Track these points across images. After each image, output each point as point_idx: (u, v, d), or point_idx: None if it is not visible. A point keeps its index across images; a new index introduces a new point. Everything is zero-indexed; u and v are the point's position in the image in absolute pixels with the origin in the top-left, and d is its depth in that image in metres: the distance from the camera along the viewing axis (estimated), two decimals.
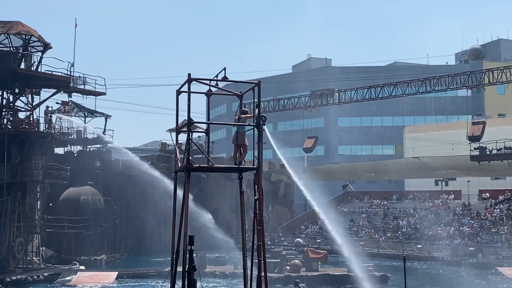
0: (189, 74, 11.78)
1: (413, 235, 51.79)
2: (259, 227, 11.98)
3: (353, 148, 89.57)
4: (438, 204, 57.90)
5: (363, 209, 62.01)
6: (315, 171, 65.10)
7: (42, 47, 40.06)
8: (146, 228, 55.18)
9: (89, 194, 46.33)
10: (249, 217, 13.49)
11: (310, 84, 75.25)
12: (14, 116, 38.50)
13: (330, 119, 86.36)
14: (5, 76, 37.31)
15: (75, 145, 52.32)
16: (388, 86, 47.75)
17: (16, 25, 38.63)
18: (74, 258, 41.82)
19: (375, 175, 64.05)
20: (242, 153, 12.70)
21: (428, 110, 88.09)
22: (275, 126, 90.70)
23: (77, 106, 49.76)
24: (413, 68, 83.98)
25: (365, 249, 49.55)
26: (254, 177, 12.34)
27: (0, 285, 32.55)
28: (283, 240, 57.18)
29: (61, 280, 35.17)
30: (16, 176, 37.48)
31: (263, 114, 12.30)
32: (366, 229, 56.01)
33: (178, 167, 12.49)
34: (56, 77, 39.58)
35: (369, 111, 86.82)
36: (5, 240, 36.61)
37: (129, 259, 48.45)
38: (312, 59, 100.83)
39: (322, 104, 51.61)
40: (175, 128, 12.81)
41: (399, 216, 57.35)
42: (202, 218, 43.89)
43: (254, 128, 12.25)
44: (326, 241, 53.19)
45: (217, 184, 62.75)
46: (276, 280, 32.92)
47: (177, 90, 12.39)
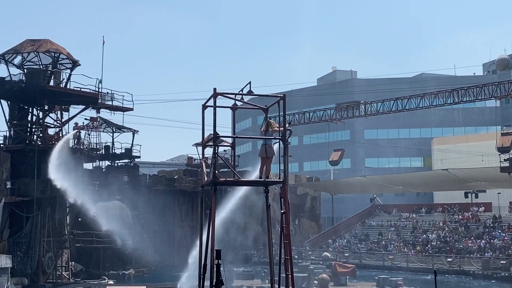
0: (215, 88, 11.86)
1: (443, 248, 51.00)
2: (286, 241, 11.92)
3: (380, 160, 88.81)
4: (468, 216, 56.98)
5: (392, 223, 61.31)
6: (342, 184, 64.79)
7: (71, 64, 40.80)
8: (174, 242, 55.34)
9: (117, 209, 46.72)
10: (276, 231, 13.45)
11: (335, 96, 75.07)
12: (44, 132, 39.14)
13: (356, 131, 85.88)
14: (35, 93, 38.02)
15: (103, 160, 52.91)
16: (415, 97, 47.34)
17: (45, 43, 39.44)
18: (103, 272, 42.16)
19: (403, 188, 63.37)
20: (267, 166, 12.68)
21: (456, 121, 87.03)
22: (300, 140, 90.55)
23: (105, 121, 50.40)
24: (440, 79, 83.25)
25: (394, 263, 48.90)
26: (280, 191, 12.31)
27: None
28: (311, 254, 56.78)
29: None
30: (46, 191, 37.99)
31: (288, 128, 12.30)
32: (395, 243, 55.33)
33: (205, 181, 12.53)
34: (84, 93, 40.20)
35: (396, 123, 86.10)
36: (35, 255, 37.05)
37: (156, 273, 48.57)
38: (337, 72, 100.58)
39: (348, 116, 51.35)
40: (201, 142, 12.88)
41: (428, 229, 56.56)
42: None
43: (279, 141, 12.25)
44: (354, 255, 52.66)
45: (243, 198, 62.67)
46: None
47: (203, 105, 12.47)
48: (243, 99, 12.94)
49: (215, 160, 11.82)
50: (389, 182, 60.45)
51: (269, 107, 13.16)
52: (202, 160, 12.95)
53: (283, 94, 12.63)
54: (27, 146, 38.32)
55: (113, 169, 52.80)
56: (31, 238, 37.27)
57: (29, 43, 39.53)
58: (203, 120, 12.46)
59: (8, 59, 39.96)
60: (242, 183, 14.48)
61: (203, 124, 12.47)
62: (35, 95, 38.20)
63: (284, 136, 12.18)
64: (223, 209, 26.46)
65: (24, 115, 40.11)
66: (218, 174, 11.78)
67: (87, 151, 42.71)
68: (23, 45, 39.45)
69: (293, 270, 12.00)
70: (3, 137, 40.35)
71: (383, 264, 49.47)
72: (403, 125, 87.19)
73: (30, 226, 37.41)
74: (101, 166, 53.36)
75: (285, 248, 12.00)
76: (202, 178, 12.82)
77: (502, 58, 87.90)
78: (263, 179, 12.72)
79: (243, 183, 14.53)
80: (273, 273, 12.71)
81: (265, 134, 12.75)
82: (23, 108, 40.12)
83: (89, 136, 46.62)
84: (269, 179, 12.75)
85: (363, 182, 60.99)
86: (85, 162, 47.78)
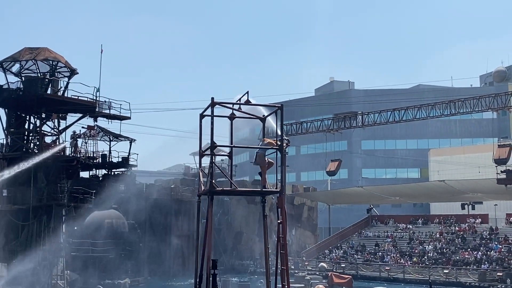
0: (212, 98, 11.89)
1: (440, 259, 50.91)
2: (283, 251, 11.91)
3: (377, 171, 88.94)
4: (465, 228, 56.96)
5: (388, 233, 61.23)
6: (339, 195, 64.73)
7: (69, 73, 40.80)
8: (170, 251, 55.18)
9: (113, 218, 46.61)
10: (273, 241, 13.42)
11: (333, 107, 75.26)
12: (41, 140, 39.06)
13: (353, 142, 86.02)
14: (32, 101, 37.98)
15: (100, 169, 52.78)
16: (412, 108, 47.48)
17: (43, 51, 39.47)
18: (99, 281, 41.95)
19: (400, 199, 63.38)
20: (263, 175, 12.68)
21: (453, 132, 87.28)
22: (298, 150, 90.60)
23: (102, 130, 50.29)
24: (437, 90, 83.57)
25: (390, 274, 48.79)
26: (277, 201, 12.30)
27: None
28: (307, 264, 56.61)
29: None
30: (42, 200, 37.85)
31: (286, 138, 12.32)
32: (391, 254, 55.22)
33: (202, 191, 12.52)
34: (82, 102, 40.18)
35: (393, 134, 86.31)
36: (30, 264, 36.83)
37: (152, 283, 48.39)
38: (334, 82, 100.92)
39: (345, 127, 51.44)
40: (198, 151, 12.88)
41: (425, 241, 56.49)
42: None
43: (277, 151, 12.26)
44: (351, 266, 52.53)
45: (240, 208, 62.64)
46: None
47: (201, 114, 12.49)
48: (241, 109, 12.96)
49: (212, 169, 11.81)
50: (386, 192, 60.44)
51: (267, 117, 13.19)
52: (200, 170, 12.95)
53: (280, 104, 12.66)
54: (24, 154, 38.20)
55: (110, 177, 52.64)
56: (27, 247, 37.09)
57: (27, 51, 39.55)
58: (200, 129, 12.49)
59: (6, 67, 39.95)
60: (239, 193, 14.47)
61: (200, 134, 12.49)
62: (32, 103, 38.16)
63: (281, 146, 12.19)
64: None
65: (21, 123, 40.03)
66: (215, 184, 11.78)
67: (83, 160, 42.60)
68: (21, 53, 39.46)
69: (289, 280, 11.98)
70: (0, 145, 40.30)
71: (379, 275, 49.33)
72: (400, 136, 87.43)
73: (26, 234, 37.25)
74: (98, 175, 53.21)
75: (281, 258, 11.98)
76: (199, 188, 12.81)
77: (499, 70, 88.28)
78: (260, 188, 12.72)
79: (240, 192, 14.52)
80: (269, 283, 12.67)
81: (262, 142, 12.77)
82: (20, 116, 40.06)
83: (86, 145, 46.57)
84: (266, 189, 12.75)
85: (360, 193, 60.97)
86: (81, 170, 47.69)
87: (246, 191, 14.77)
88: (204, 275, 11.82)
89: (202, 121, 12.49)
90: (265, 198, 13.02)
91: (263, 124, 13.24)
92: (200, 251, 12.28)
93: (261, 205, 13.04)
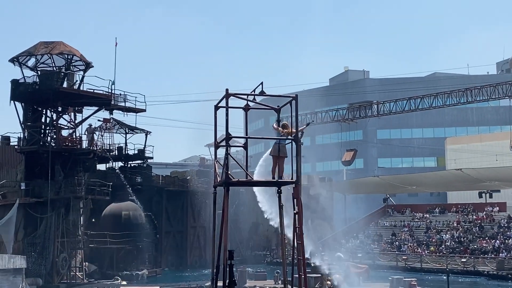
0: (227, 89, 11.88)
1: (457, 248, 50.65)
2: (299, 242, 11.92)
3: (393, 160, 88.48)
4: (483, 216, 56.56)
5: (405, 223, 61.01)
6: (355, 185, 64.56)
7: (84, 66, 41.07)
8: (187, 242, 55.51)
9: (130, 210, 46.91)
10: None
11: (348, 96, 74.86)
12: (57, 133, 39.39)
13: (369, 131, 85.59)
14: (48, 95, 38.29)
15: (116, 161, 53.16)
16: (428, 97, 47.11)
17: (59, 45, 39.75)
18: (116, 273, 42.32)
19: (417, 188, 63.06)
20: (280, 166, 12.67)
21: (470, 121, 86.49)
22: (313, 140, 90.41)
23: (118, 123, 50.66)
24: (454, 78, 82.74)
25: (407, 264, 48.65)
26: (293, 191, 12.29)
27: None
28: (323, 254, 56.58)
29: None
30: (60, 192, 38.22)
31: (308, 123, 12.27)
32: (408, 243, 55.04)
33: (217, 182, 12.55)
34: (97, 95, 40.45)
35: (409, 123, 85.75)
36: (49, 256, 37.30)
37: (170, 274, 48.75)
38: (349, 72, 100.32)
39: (360, 116, 51.21)
40: (214, 143, 12.91)
41: (442, 230, 56.22)
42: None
43: (292, 142, 12.24)
44: (367, 256, 52.46)
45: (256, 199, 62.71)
46: None
47: (215, 106, 12.49)
48: (255, 100, 12.95)
49: (227, 160, 11.83)
50: (403, 182, 60.16)
51: (281, 108, 13.16)
52: (215, 161, 12.97)
53: (295, 94, 12.62)
54: (41, 148, 38.58)
55: (126, 170, 53.03)
56: (45, 239, 37.52)
57: (42, 45, 39.85)
58: (215, 120, 12.49)
59: (22, 61, 40.30)
60: (255, 184, 14.48)
61: (215, 125, 12.50)
62: (48, 97, 38.47)
63: (296, 136, 12.17)
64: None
65: (38, 116, 40.41)
66: (230, 175, 11.80)
67: (100, 152, 42.91)
68: (37, 47, 39.78)
69: (306, 270, 11.99)
70: (17, 138, 40.72)
71: (396, 264, 49.23)
72: (416, 125, 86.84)
73: (44, 227, 37.68)
74: (114, 167, 53.61)
75: (298, 248, 12.00)
76: (215, 179, 12.84)
77: None
78: (275, 179, 12.72)
79: (256, 183, 14.53)
80: (286, 273, 12.70)
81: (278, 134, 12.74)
82: (37, 110, 40.43)
83: (103, 137, 46.91)
84: (282, 180, 12.75)
85: (376, 182, 60.75)
86: (98, 163, 48.07)
87: (262, 182, 14.75)
88: (221, 265, 11.88)
89: (217, 113, 12.49)
90: (280, 188, 13.02)
91: (277, 115, 13.22)
92: (216, 242, 12.33)
93: (277, 196, 13.05)
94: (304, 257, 12.01)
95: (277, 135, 12.74)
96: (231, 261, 11.81)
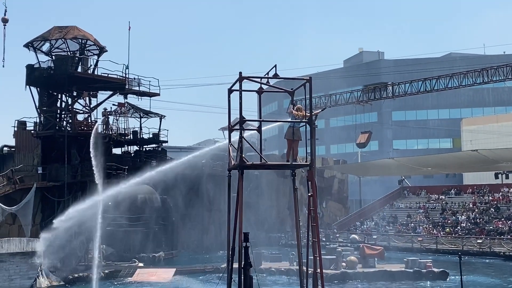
0: (240, 72, 11.87)
1: (473, 230, 50.50)
2: (314, 224, 11.96)
3: (409, 142, 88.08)
4: (499, 197, 56.27)
5: (420, 205, 60.89)
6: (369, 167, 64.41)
7: (98, 51, 41.28)
8: (202, 225, 55.87)
9: (146, 193, 47.25)
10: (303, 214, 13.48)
11: (362, 78, 74.36)
12: (73, 118, 39.76)
13: (384, 113, 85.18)
14: (63, 79, 38.57)
15: (131, 145, 53.47)
16: (443, 77, 46.67)
17: (73, 30, 39.95)
18: (133, 255, 42.78)
19: (432, 170, 62.71)
20: (295, 149, 12.69)
21: (486, 101, 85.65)
22: (327, 122, 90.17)
23: (132, 107, 50.86)
24: (469, 58, 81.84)
25: (423, 245, 48.64)
26: (307, 174, 12.31)
27: (63, 282, 33.67)
28: (338, 236, 56.75)
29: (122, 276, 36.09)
30: (76, 176, 38.64)
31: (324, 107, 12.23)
32: (423, 225, 54.98)
33: (232, 165, 12.59)
34: (112, 79, 40.67)
35: (425, 104, 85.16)
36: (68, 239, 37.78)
37: (186, 256, 49.17)
38: (364, 53, 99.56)
39: (375, 98, 50.89)
40: (227, 126, 12.93)
41: (458, 211, 56.04)
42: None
43: (306, 124, 12.23)
44: (382, 237, 52.50)
45: (270, 181, 62.86)
46: (332, 276, 32.72)
47: (229, 89, 12.49)
48: (268, 83, 12.92)
49: (241, 144, 11.86)
50: (418, 163, 59.85)
51: (295, 90, 13.13)
52: (229, 144, 13.00)
53: (309, 76, 12.57)
54: (57, 132, 38.98)
55: (141, 153, 53.33)
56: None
57: (56, 30, 40.06)
58: (229, 104, 12.49)
59: (36, 46, 40.58)
60: (269, 167, 14.50)
61: (229, 108, 12.50)
62: (63, 82, 38.75)
63: (310, 119, 12.15)
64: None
65: (53, 101, 40.77)
66: (245, 158, 11.83)
67: (115, 136, 43.21)
68: (51, 32, 40.00)
69: (321, 252, 12.05)
70: (33, 123, 41.13)
71: (411, 246, 49.21)
72: (431, 106, 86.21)
73: (61, 210, 38.14)
74: (130, 151, 53.95)
75: (312, 230, 12.04)
76: (229, 162, 12.88)
77: None
78: (290, 162, 12.74)
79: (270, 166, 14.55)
80: (301, 255, 12.77)
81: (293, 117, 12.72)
82: (52, 95, 40.77)
83: (117, 122, 47.18)
84: (296, 162, 12.77)
85: (391, 164, 60.51)
86: (114, 147, 48.45)
87: (276, 165, 14.76)
88: (236, 247, 11.98)
89: (230, 96, 12.49)
90: (295, 171, 13.04)
91: (291, 98, 13.20)
92: (231, 225, 12.41)
93: (291, 178, 13.07)
94: (319, 239, 12.06)
95: (292, 118, 12.73)
96: (246, 243, 11.89)
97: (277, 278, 34.86)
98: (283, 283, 33.53)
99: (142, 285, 33.86)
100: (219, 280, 22.79)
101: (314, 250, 11.96)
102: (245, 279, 11.96)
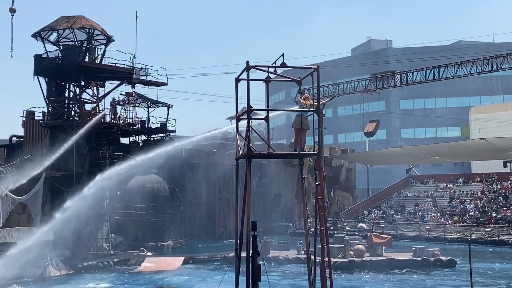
0: (248, 61, 11.84)
1: (481, 218, 50.40)
2: (321, 213, 11.98)
3: (417, 131, 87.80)
4: (507, 186, 56.08)
5: (428, 193, 60.79)
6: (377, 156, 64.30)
7: (105, 40, 41.27)
8: (210, 214, 56.08)
9: (154, 182, 47.44)
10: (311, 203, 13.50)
11: (370, 67, 74.08)
12: (81, 108, 39.87)
13: (391, 102, 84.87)
14: (71, 69, 38.66)
15: (139, 135, 53.58)
16: (452, 66, 46.40)
17: (80, 20, 39.94)
18: (142, 244, 43.05)
19: (440, 158, 62.52)
20: (302, 138, 12.69)
21: (495, 89, 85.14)
22: (335, 111, 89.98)
23: (140, 96, 50.90)
24: (478, 46, 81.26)
25: (431, 234, 48.63)
26: (315, 163, 12.31)
27: (72, 270, 33.95)
28: (346, 225, 56.83)
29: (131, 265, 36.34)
30: (85, 166, 38.81)
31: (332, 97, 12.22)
32: (431, 213, 54.92)
33: (239, 155, 12.61)
34: (119, 69, 40.70)
35: (433, 93, 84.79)
36: (76, 228, 38.06)
37: (194, 245, 49.42)
38: (372, 41, 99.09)
39: (383, 87, 50.72)
40: (235, 115, 12.92)
41: (466, 200, 55.91)
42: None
43: (314, 113, 12.22)
44: (390, 226, 52.52)
45: (278, 171, 62.95)
46: (340, 265, 32.81)
47: (236, 78, 12.47)
48: (276, 72, 12.89)
49: (249, 133, 11.87)
50: (426, 152, 59.66)
51: (303, 79, 13.11)
52: (237, 134, 13.01)
53: (316, 65, 12.55)
54: (65, 122, 39.11)
55: (149, 143, 53.44)
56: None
57: (64, 19, 40.06)
58: (236, 93, 12.48)
59: (44, 36, 40.63)
60: (277, 156, 14.53)
61: (236, 98, 12.49)
62: (71, 71, 38.83)
63: (318, 108, 12.14)
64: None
65: (61, 91, 40.87)
66: (252, 147, 11.84)
67: (123, 126, 43.32)
68: (58, 22, 40.02)
69: (328, 241, 12.08)
70: (41, 113, 41.28)
71: (419, 234, 49.22)
72: (440, 95, 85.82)
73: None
74: (138, 141, 54.06)
75: (320, 219, 12.07)
76: (237, 152, 12.90)
77: None
78: (297, 151, 12.74)
79: (278, 155, 14.57)
80: (308, 244, 12.80)
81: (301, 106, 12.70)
82: (60, 85, 40.87)
83: (125, 111, 47.26)
84: (304, 152, 12.77)
85: (399, 153, 60.37)
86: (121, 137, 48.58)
87: (284, 154, 14.79)
88: (244, 236, 12.02)
89: (238, 85, 12.49)
90: (302, 160, 13.05)
91: (299, 87, 13.18)
92: (239, 214, 12.46)
93: (299, 167, 13.08)
94: (327, 227, 12.08)
95: (300, 107, 12.72)
96: (254, 232, 11.93)
97: (285, 267, 34.99)
98: (291, 272, 33.65)
99: (151, 273, 34.08)
100: (227, 269, 22.93)
101: (321, 238, 11.99)
102: (253, 267, 12.01)
